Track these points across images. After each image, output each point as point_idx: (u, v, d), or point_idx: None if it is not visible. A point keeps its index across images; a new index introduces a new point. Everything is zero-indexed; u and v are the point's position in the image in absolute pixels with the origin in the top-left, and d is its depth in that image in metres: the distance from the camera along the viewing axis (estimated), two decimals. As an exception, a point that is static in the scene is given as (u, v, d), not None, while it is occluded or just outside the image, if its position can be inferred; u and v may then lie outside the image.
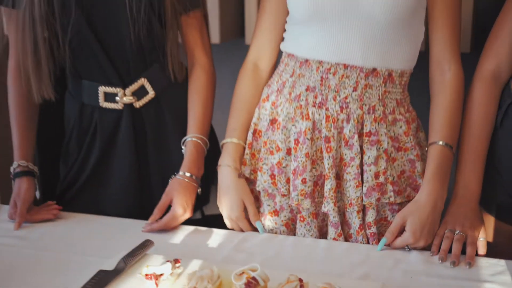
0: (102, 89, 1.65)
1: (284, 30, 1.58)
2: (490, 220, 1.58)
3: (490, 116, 1.51)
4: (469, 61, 1.61)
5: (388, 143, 1.47)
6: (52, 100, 1.65)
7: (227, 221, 1.56)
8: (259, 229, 1.54)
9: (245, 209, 1.54)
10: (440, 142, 1.46)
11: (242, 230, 1.55)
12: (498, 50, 1.50)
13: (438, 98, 1.50)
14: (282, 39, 1.58)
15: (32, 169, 1.66)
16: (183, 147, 1.64)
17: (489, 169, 1.52)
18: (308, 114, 1.48)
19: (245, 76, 1.62)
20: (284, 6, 1.55)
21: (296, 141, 1.48)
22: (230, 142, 1.58)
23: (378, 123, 1.47)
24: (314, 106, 1.48)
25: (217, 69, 1.72)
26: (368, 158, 1.46)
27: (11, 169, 1.66)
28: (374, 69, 1.47)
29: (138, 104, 1.66)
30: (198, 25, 1.67)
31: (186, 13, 1.64)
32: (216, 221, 1.63)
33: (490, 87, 1.51)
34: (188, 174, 1.59)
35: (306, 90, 1.49)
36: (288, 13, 1.55)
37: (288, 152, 1.51)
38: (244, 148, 1.57)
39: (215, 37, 2.09)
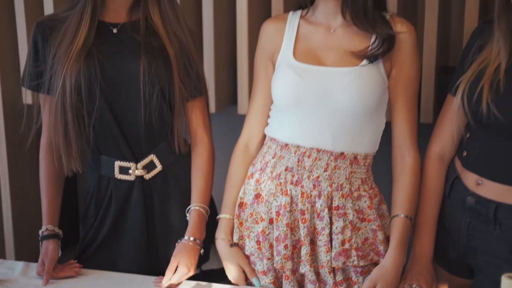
0: (117, 164, 1.93)
1: (269, 116, 1.87)
2: (443, 274, 1.87)
3: (439, 189, 1.80)
4: (431, 131, 1.89)
5: (353, 215, 1.75)
6: (79, 172, 1.92)
7: (232, 281, 1.85)
8: (256, 284, 1.81)
9: None
10: (402, 215, 1.75)
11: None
12: (442, 136, 1.80)
13: (399, 178, 1.78)
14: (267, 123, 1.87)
15: (58, 232, 1.93)
16: (187, 214, 1.91)
17: (440, 231, 1.81)
18: (287, 191, 1.76)
19: (237, 156, 1.90)
20: (270, 96, 1.83)
21: (277, 213, 1.76)
22: (223, 218, 1.86)
23: (345, 199, 1.75)
24: (292, 184, 1.76)
25: (213, 134, 2.00)
26: (336, 228, 1.74)
27: (40, 232, 1.93)
28: (342, 153, 1.75)
29: (147, 176, 1.94)
30: (201, 109, 1.95)
31: (191, 99, 1.92)
32: (214, 276, 1.93)
33: (437, 166, 1.80)
34: (192, 238, 1.86)
35: (285, 170, 1.77)
36: (272, 102, 1.85)
37: (270, 221, 1.78)
38: None
39: (211, 107, 2.37)
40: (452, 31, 2.33)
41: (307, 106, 1.73)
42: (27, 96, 2.38)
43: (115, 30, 1.89)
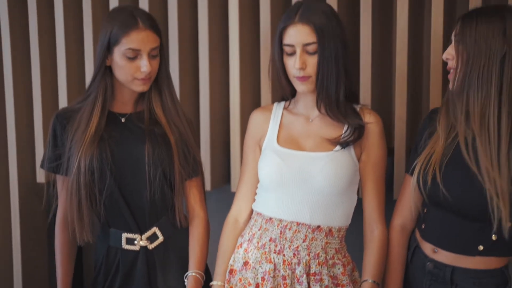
0: (124, 235, 2.16)
1: (256, 193, 2.13)
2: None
3: (402, 256, 2.02)
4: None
5: (328, 280, 1.98)
6: (90, 242, 2.15)
7: None
8: None
9: None
10: (370, 280, 1.98)
11: None
12: (403, 211, 2.04)
13: (369, 248, 2.02)
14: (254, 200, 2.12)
15: None
16: (185, 280, 2.13)
17: None
18: (271, 259, 2.00)
19: (227, 229, 2.14)
20: (257, 176, 2.09)
21: (263, 279, 1.99)
22: (216, 285, 2.08)
23: (321, 266, 1.98)
24: (275, 252, 2.00)
25: (209, 209, 2.23)
26: None
27: None
28: (319, 226, 2.00)
29: (150, 246, 2.17)
30: (198, 188, 2.21)
31: (189, 179, 2.18)
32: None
33: (400, 236, 2.04)
34: None
35: (270, 240, 2.01)
36: (258, 181, 2.10)
37: (257, 286, 2.01)
38: None
39: (207, 185, 2.60)
40: (423, 118, 2.59)
41: (289, 185, 1.99)
42: (41, 176, 2.67)
43: (123, 120, 2.16)
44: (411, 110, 2.45)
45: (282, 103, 2.14)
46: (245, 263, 2.05)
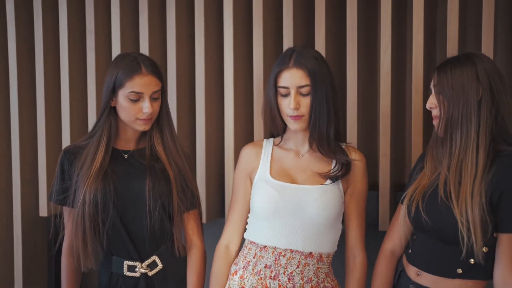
0: (126, 263, 2.29)
1: (247, 223, 2.26)
2: None
3: (389, 279, 2.18)
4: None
5: None
6: (93, 269, 2.29)
7: None
8: None
9: None
10: None
11: None
12: (393, 237, 2.19)
13: (352, 273, 2.19)
14: (245, 229, 2.25)
15: None
16: None
17: None
18: (267, 284, 2.14)
19: (219, 257, 2.25)
20: (246, 207, 2.23)
21: (260, 303, 2.14)
22: None
23: None
24: (271, 278, 2.14)
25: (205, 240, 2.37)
26: None
27: None
28: (311, 253, 2.15)
29: (150, 273, 2.30)
30: (195, 220, 2.35)
31: (187, 211, 2.32)
32: None
33: (389, 260, 2.19)
34: None
35: (265, 267, 2.15)
36: (249, 211, 2.24)
37: None
38: None
39: (203, 218, 2.74)
40: (406, 154, 2.78)
41: (283, 215, 2.14)
42: (43, 210, 2.82)
43: (126, 156, 2.32)
44: (395, 148, 2.63)
45: (272, 140, 2.30)
46: (241, 289, 2.20)
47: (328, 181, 2.17)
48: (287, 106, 2.13)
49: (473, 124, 1.96)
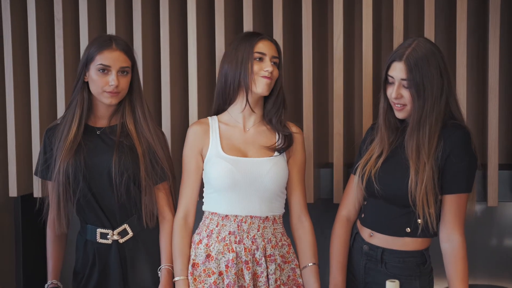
0: (99, 231, 2.46)
1: (201, 197, 2.42)
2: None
3: (346, 242, 2.39)
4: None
5: (279, 259, 2.35)
6: (66, 233, 2.49)
7: None
8: None
9: None
10: (310, 264, 2.38)
11: None
12: (348, 204, 2.41)
13: (302, 237, 2.42)
14: (197, 198, 2.41)
15: (60, 286, 2.51)
16: (159, 272, 2.43)
17: (348, 273, 2.38)
18: (233, 248, 2.32)
19: (178, 229, 2.40)
20: (198, 181, 2.40)
21: (227, 266, 2.31)
22: (180, 280, 2.36)
23: (274, 248, 2.35)
24: (236, 243, 2.33)
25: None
26: (271, 270, 2.32)
27: (46, 286, 2.49)
28: (267, 217, 2.36)
29: (121, 241, 2.46)
30: (165, 192, 2.50)
31: (156, 184, 2.48)
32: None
33: (345, 225, 2.40)
34: None
35: (229, 234, 2.33)
36: (200, 185, 2.40)
37: (220, 274, 2.32)
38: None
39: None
40: (356, 134, 3.01)
41: (241, 187, 2.34)
42: (13, 191, 2.95)
43: (98, 132, 2.48)
44: (347, 128, 2.86)
45: (215, 117, 2.45)
46: (208, 256, 2.36)
47: (276, 153, 2.39)
48: (260, 69, 2.34)
49: (435, 115, 2.18)
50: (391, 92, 2.22)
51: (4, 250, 3.20)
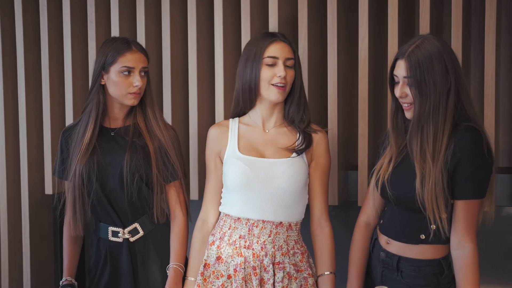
0: (110, 229, 2.52)
1: (221, 197, 2.41)
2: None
3: (365, 248, 2.34)
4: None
5: (290, 267, 2.31)
6: (82, 234, 2.55)
7: None
8: None
9: None
10: (327, 272, 2.32)
11: None
12: (366, 209, 2.36)
13: (321, 243, 2.36)
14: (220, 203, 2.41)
15: (74, 283, 2.57)
16: (167, 271, 2.46)
17: (368, 278, 2.34)
18: (242, 253, 2.31)
19: (196, 231, 2.42)
20: (219, 182, 2.40)
21: (235, 270, 2.30)
22: (189, 280, 2.38)
23: (284, 256, 2.31)
24: (245, 247, 2.31)
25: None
26: (278, 278, 2.29)
27: (60, 282, 2.56)
28: (281, 222, 2.32)
29: (132, 239, 2.52)
30: (176, 190, 2.53)
31: (167, 183, 2.52)
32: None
33: (364, 231, 2.35)
34: None
35: (239, 237, 2.32)
36: (221, 186, 2.39)
37: (229, 277, 2.32)
38: None
39: (194, 195, 2.92)
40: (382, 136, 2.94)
41: (255, 188, 2.30)
42: (48, 188, 3.03)
43: (112, 133, 2.54)
44: (373, 130, 2.80)
45: (237, 119, 2.43)
46: (218, 258, 2.36)
47: (294, 154, 2.34)
48: (274, 75, 2.30)
49: (440, 114, 2.10)
50: (397, 91, 2.16)
51: (43, 245, 3.29)
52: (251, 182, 2.31)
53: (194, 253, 2.42)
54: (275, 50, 2.31)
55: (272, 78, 2.30)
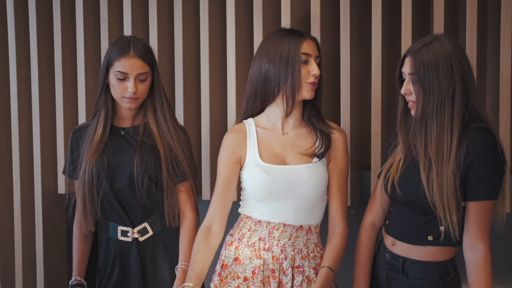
0: (120, 228, 2.54)
1: (232, 201, 2.38)
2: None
3: (370, 249, 2.34)
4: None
5: (310, 271, 2.30)
6: (93, 231, 2.56)
7: None
8: None
9: None
10: (326, 266, 2.27)
11: None
12: (372, 210, 2.35)
13: (331, 241, 2.33)
14: (228, 211, 2.35)
15: (83, 283, 2.57)
16: (176, 271, 2.46)
17: (373, 280, 2.33)
18: (261, 255, 2.30)
19: (199, 237, 2.33)
20: (231, 190, 2.34)
21: (253, 272, 2.29)
22: (187, 285, 2.25)
23: (304, 259, 2.30)
24: (264, 250, 2.30)
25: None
26: (297, 281, 2.28)
27: (70, 282, 2.55)
28: (301, 226, 2.32)
29: (141, 239, 2.53)
30: (186, 191, 2.53)
31: (178, 183, 2.51)
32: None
33: (369, 232, 2.35)
34: None
35: (259, 240, 2.31)
36: (232, 194, 2.34)
37: (245, 279, 2.30)
38: None
39: (206, 195, 2.91)
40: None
41: (277, 196, 2.29)
42: (61, 188, 3.04)
43: (122, 132, 2.55)
44: (386, 129, 2.79)
45: (252, 121, 2.38)
46: (235, 259, 2.35)
47: (315, 159, 2.33)
48: (308, 72, 2.28)
49: (446, 114, 2.09)
50: (403, 88, 2.16)
51: (56, 244, 3.30)
52: (273, 191, 2.29)
53: (196, 260, 2.31)
54: (308, 47, 2.29)
55: (307, 77, 2.28)
